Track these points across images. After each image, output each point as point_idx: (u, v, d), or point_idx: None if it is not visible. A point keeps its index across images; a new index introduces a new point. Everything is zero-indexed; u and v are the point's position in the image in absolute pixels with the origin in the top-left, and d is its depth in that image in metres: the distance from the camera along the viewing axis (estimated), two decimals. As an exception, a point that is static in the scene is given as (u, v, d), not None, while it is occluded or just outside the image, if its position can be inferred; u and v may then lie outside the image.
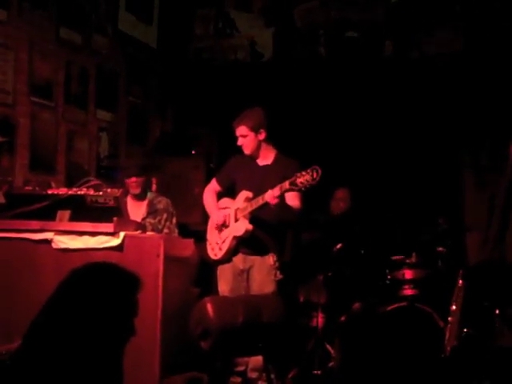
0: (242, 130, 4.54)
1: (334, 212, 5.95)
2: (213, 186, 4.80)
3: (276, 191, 4.12)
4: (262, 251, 4.49)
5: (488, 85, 5.85)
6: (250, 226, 4.41)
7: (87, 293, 1.83)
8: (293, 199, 4.36)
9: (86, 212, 3.90)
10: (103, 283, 1.85)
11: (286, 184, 4.05)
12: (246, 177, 4.61)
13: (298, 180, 3.97)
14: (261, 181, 4.45)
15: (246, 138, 4.54)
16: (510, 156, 5.33)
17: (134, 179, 4.98)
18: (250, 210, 4.38)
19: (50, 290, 1.96)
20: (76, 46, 5.79)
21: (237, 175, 4.67)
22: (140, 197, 5.04)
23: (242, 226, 4.43)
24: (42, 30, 5.40)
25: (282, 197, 4.18)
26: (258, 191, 4.36)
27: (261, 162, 4.63)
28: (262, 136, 4.55)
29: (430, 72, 6.16)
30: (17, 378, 1.74)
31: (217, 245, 4.60)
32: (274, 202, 4.15)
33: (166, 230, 4.96)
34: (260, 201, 4.28)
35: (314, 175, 3.91)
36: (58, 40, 5.58)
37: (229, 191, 4.74)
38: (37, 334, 1.80)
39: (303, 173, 3.97)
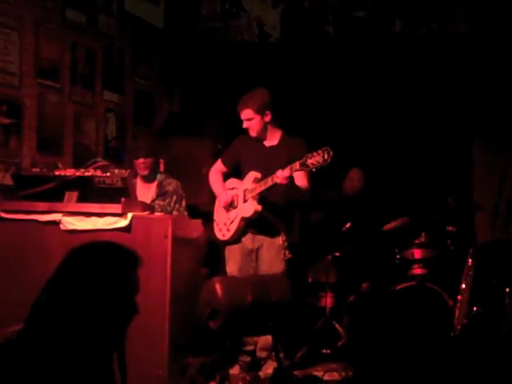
0: (247, 114, 4.45)
1: (347, 191, 5.92)
2: (218, 167, 4.76)
3: (286, 172, 4.09)
4: (271, 231, 4.46)
5: (499, 62, 5.79)
6: (259, 207, 4.39)
7: (86, 271, 1.82)
8: (301, 179, 4.33)
9: (93, 193, 3.90)
10: (101, 260, 1.85)
11: (297, 165, 4.01)
12: (252, 157, 4.56)
13: (309, 161, 3.93)
14: (268, 161, 4.41)
15: (251, 121, 4.46)
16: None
17: (141, 160, 4.95)
18: (258, 191, 4.35)
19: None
20: (82, 26, 5.74)
21: (243, 155, 4.62)
22: (149, 178, 5.02)
23: (251, 207, 4.40)
24: (47, 11, 5.37)
25: (291, 177, 4.15)
26: (265, 172, 4.33)
27: (267, 142, 4.57)
28: (268, 118, 4.48)
29: (439, 50, 6.10)
30: (21, 357, 1.74)
31: (224, 225, 4.59)
32: (285, 182, 4.12)
33: (175, 213, 4.93)
34: (269, 182, 4.24)
35: (326, 156, 3.86)
36: (64, 21, 5.54)
37: (234, 172, 4.70)
38: (39, 313, 1.80)
39: (314, 154, 3.92)
